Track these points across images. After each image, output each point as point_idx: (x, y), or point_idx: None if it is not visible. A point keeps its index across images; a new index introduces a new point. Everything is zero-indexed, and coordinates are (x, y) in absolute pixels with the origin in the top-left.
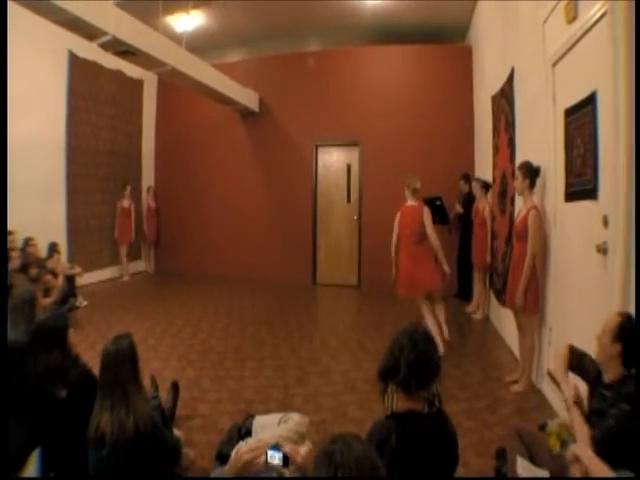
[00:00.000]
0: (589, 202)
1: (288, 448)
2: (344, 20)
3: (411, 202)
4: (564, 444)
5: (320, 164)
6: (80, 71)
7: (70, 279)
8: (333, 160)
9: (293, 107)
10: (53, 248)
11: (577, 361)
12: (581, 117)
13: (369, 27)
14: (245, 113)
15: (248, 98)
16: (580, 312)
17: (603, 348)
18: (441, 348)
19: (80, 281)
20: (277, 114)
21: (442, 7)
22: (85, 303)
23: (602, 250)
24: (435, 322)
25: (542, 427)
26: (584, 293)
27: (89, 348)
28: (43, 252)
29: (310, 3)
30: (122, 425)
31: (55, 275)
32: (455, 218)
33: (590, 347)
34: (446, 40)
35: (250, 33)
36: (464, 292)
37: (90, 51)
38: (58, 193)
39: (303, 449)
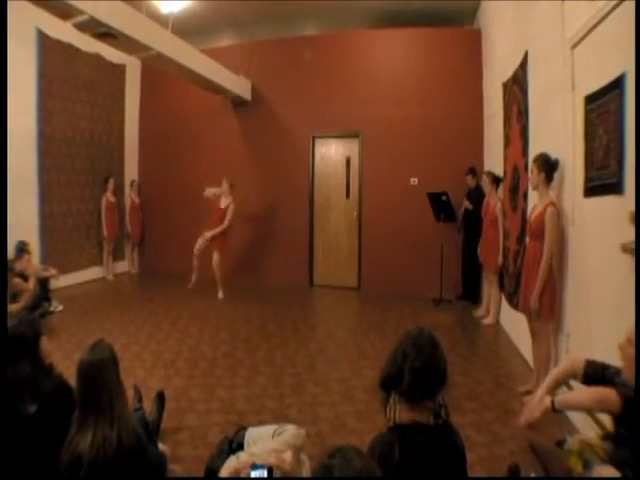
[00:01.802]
0: (613, 197)
1: (273, 459)
2: (344, 2)
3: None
4: (587, 464)
5: (317, 157)
6: (52, 53)
7: (43, 282)
8: (331, 152)
9: (288, 96)
10: (22, 248)
11: (599, 374)
12: (605, 104)
13: (370, 9)
14: (237, 102)
15: (240, 86)
16: (602, 318)
17: (631, 360)
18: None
19: (55, 284)
20: (271, 103)
21: None
22: (61, 308)
23: (629, 250)
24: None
25: (560, 443)
26: (607, 297)
27: (65, 357)
28: (12, 253)
29: None
30: (105, 440)
31: (25, 278)
32: (463, 215)
33: (615, 356)
34: (453, 23)
35: (242, 16)
36: (470, 294)
37: (64, 31)
38: (29, 187)
39: (287, 455)
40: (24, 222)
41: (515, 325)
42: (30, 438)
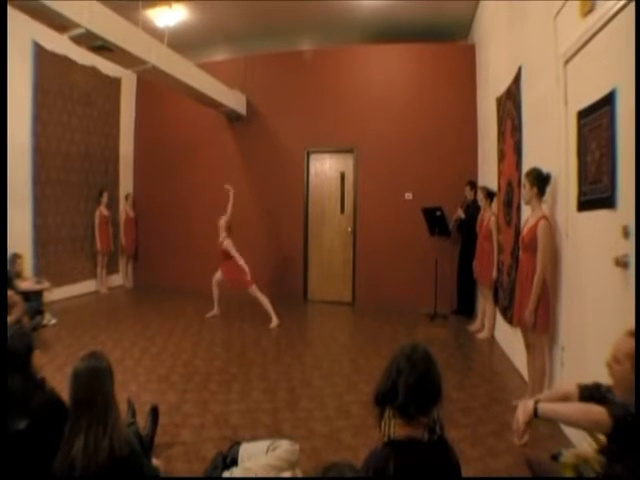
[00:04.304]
0: (606, 211)
1: None
2: (339, 17)
3: None
4: (582, 478)
5: (312, 172)
6: (48, 65)
7: (36, 295)
8: (326, 167)
9: (283, 110)
10: (15, 261)
11: (595, 395)
12: (597, 119)
13: (365, 24)
14: (232, 116)
15: (235, 100)
16: (597, 331)
17: (623, 375)
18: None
19: (49, 297)
20: (266, 118)
21: (444, 2)
22: (54, 321)
23: (622, 263)
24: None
25: (555, 457)
26: (601, 310)
27: (57, 370)
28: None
29: None
30: (97, 446)
31: (17, 291)
32: (456, 224)
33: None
34: (448, 38)
35: (237, 30)
36: (465, 309)
37: (60, 44)
38: (23, 200)
39: (286, 474)
40: (19, 234)
41: (510, 339)
42: (20, 454)
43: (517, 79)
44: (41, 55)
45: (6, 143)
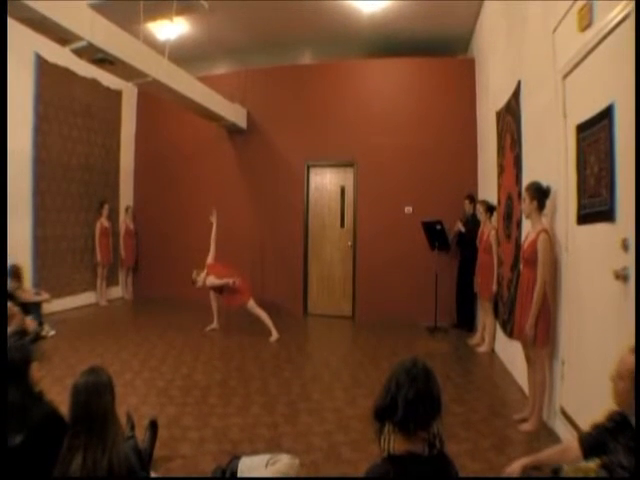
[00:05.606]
0: (605, 225)
1: None
2: (339, 31)
3: None
4: (577, 477)
5: (312, 186)
6: (49, 77)
7: (35, 306)
8: (326, 181)
9: (283, 124)
10: (14, 272)
11: (599, 439)
12: (595, 132)
13: (366, 39)
14: (232, 129)
15: (235, 114)
16: (597, 344)
17: (624, 393)
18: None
19: (48, 308)
20: (266, 131)
21: (443, 17)
22: (53, 333)
23: (622, 277)
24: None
25: (556, 471)
26: (601, 324)
27: (55, 383)
28: None
29: (303, 13)
30: (96, 464)
31: (16, 302)
32: (455, 237)
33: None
34: (447, 52)
35: (238, 44)
36: (465, 322)
37: (61, 56)
38: (23, 211)
39: None
40: (18, 245)
41: (510, 353)
42: (17, 469)
43: (516, 93)
44: (43, 67)
45: (6, 154)
